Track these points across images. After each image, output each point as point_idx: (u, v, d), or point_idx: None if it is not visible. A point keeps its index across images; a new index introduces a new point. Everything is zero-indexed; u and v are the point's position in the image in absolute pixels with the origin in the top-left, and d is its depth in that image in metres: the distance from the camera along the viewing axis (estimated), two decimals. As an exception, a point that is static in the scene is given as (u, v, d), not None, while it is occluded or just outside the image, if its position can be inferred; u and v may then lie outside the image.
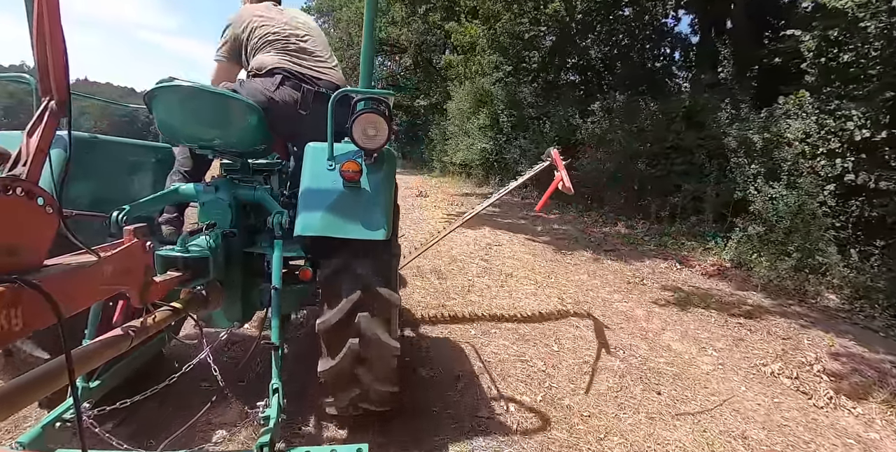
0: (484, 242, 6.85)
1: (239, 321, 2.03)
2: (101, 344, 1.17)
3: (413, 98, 29.65)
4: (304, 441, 2.04)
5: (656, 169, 8.78)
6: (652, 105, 10.03)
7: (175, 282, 1.49)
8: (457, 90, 18.76)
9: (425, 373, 2.74)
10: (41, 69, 0.91)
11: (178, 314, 1.47)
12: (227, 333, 2.29)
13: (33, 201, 0.84)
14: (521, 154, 13.19)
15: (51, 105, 0.93)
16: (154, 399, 1.71)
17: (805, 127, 6.38)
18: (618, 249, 6.97)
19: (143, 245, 1.22)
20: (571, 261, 6.07)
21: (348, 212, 1.64)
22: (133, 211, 1.71)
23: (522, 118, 14.62)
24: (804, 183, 6.25)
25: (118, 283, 1.14)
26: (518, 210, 11.18)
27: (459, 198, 12.16)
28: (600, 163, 10.03)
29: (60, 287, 0.88)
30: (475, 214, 4.30)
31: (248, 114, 1.82)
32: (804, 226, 5.98)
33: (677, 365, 3.17)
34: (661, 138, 8.78)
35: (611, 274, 5.56)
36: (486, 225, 8.32)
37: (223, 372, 1.73)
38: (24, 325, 0.81)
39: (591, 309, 4.18)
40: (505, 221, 9.13)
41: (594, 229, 8.70)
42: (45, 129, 0.93)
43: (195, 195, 1.93)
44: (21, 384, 0.95)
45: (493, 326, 3.58)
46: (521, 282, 4.94)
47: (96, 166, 1.98)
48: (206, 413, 1.93)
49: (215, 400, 1.86)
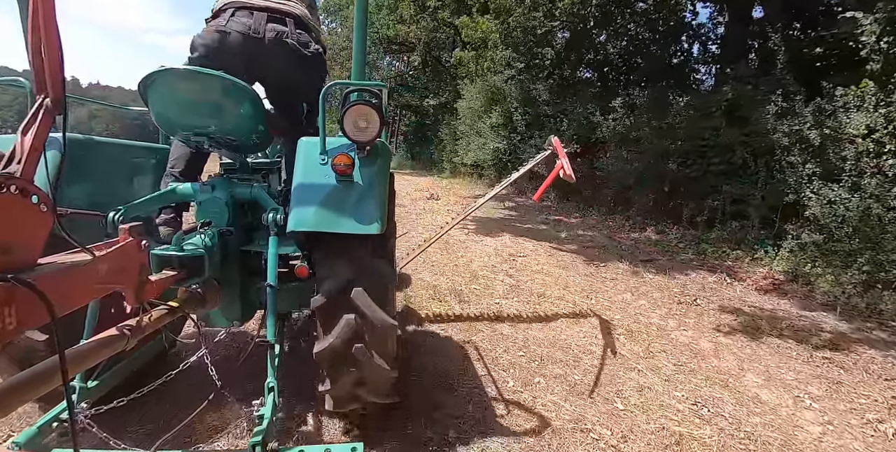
0: (506, 252, 6.16)
1: (238, 320, 2.00)
2: (96, 343, 1.15)
3: (422, 97, 29.03)
4: (301, 439, 2.00)
5: (690, 169, 8.01)
6: (681, 100, 9.27)
7: (170, 281, 1.48)
8: (467, 88, 18.05)
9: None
10: (36, 67, 0.90)
11: (174, 313, 1.45)
12: (226, 332, 2.21)
13: (27, 199, 0.84)
14: (537, 153, 12.45)
15: (45, 103, 0.92)
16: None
17: (870, 121, 5.62)
18: (655, 259, 6.25)
19: (138, 244, 1.20)
20: (608, 275, 5.36)
21: (341, 206, 1.59)
22: (130, 211, 1.70)
23: (537, 116, 13.88)
24: (869, 184, 5.50)
25: (113, 282, 1.13)
26: (536, 213, 10.48)
27: (473, 201, 11.48)
28: (627, 162, 9.27)
29: (54, 285, 0.87)
30: (477, 207, 4.16)
31: (242, 96, 1.75)
32: (873, 234, 5.22)
33: (778, 426, 2.46)
34: (695, 135, 8.01)
35: (656, 291, 4.85)
36: (505, 231, 7.63)
37: (221, 371, 1.73)
38: (17, 324, 0.80)
39: (648, 341, 3.48)
40: (524, 226, 8.44)
41: (622, 235, 7.98)
42: (40, 127, 0.92)
43: (192, 194, 1.90)
44: (15, 384, 0.92)
45: (534, 373, 2.88)
46: (556, 304, 4.24)
47: (94, 167, 1.97)
48: (203, 411, 1.82)
49: (212, 399, 1.73)
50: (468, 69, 17.50)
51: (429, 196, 11.42)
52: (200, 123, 1.78)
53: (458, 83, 20.65)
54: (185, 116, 1.78)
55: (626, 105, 10.91)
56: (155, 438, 1.77)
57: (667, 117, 9.10)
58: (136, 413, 2.03)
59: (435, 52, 24.08)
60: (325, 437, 2.05)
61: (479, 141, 16.12)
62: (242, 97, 1.75)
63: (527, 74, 14.43)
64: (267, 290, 1.65)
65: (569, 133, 12.10)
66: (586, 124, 11.85)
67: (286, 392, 2.26)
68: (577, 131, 11.99)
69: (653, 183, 8.72)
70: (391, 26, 21.71)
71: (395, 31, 22.47)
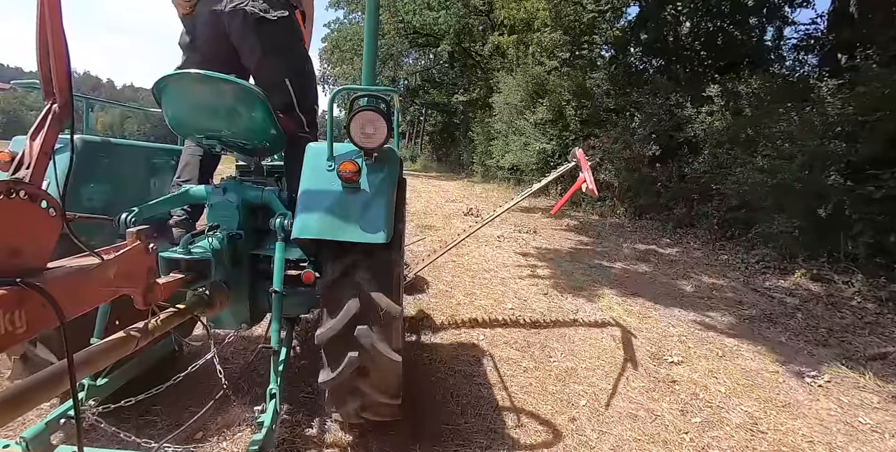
0: (645, 353, 3.45)
1: (247, 323, 1.95)
2: (105, 346, 1.14)
3: (450, 94, 26.34)
4: (304, 444, 1.94)
5: (871, 183, 5.14)
6: (829, 81, 6.36)
7: (178, 284, 1.46)
8: (504, 81, 15.34)
9: None
10: (43, 72, 0.90)
11: (182, 316, 1.43)
12: (235, 335, 2.22)
13: (36, 204, 0.84)
14: (602, 155, 9.62)
15: (53, 108, 0.92)
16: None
17: None
18: (888, 352, 3.43)
19: (146, 247, 1.17)
20: (865, 421, 2.60)
21: (347, 214, 1.53)
22: (143, 213, 1.71)
23: (596, 111, 11.08)
24: None
25: (121, 285, 1.11)
26: (610, 234, 7.66)
27: (526, 219, 8.76)
28: (764, 173, 6.31)
29: (63, 289, 0.87)
30: (498, 216, 3.80)
31: (253, 101, 1.70)
32: None
33: None
34: (886, 134, 5.13)
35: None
36: (595, 279, 4.92)
37: (230, 374, 1.86)
38: (27, 328, 0.80)
39: None
40: (616, 266, 5.66)
41: (768, 284, 5.15)
42: (48, 132, 0.92)
43: (204, 197, 1.88)
44: (24, 388, 0.92)
45: None
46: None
47: (110, 169, 1.97)
48: (209, 414, 1.83)
49: (217, 403, 1.64)
50: (507, 58, 14.78)
51: (466, 210, 8.78)
52: (212, 126, 1.76)
53: (493, 76, 17.93)
54: (197, 119, 1.76)
55: (729, 93, 8.04)
56: (159, 439, 1.59)
57: (807, 111, 6.22)
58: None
59: (465, 42, 21.33)
60: (331, 443, 1.96)
61: (518, 141, 13.41)
62: (254, 101, 1.70)
63: (582, 60, 11.64)
64: (273, 296, 1.60)
65: (643, 131, 9.25)
66: (668, 119, 9.00)
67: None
68: (653, 128, 9.14)
69: (797, 202, 5.85)
70: (418, 12, 19.00)
71: (423, 19, 19.73)
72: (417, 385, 2.48)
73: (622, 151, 9.27)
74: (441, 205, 9.71)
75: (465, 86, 22.41)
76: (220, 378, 1.59)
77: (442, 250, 3.75)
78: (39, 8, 0.84)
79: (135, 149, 2.19)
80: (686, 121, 8.63)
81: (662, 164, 8.94)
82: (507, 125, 14.69)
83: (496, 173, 16.21)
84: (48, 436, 1.34)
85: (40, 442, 1.31)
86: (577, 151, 3.44)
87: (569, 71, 11.48)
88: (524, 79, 13.59)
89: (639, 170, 9.07)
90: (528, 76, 13.40)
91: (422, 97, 30.07)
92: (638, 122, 9.61)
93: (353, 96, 1.61)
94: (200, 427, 1.96)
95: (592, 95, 11.03)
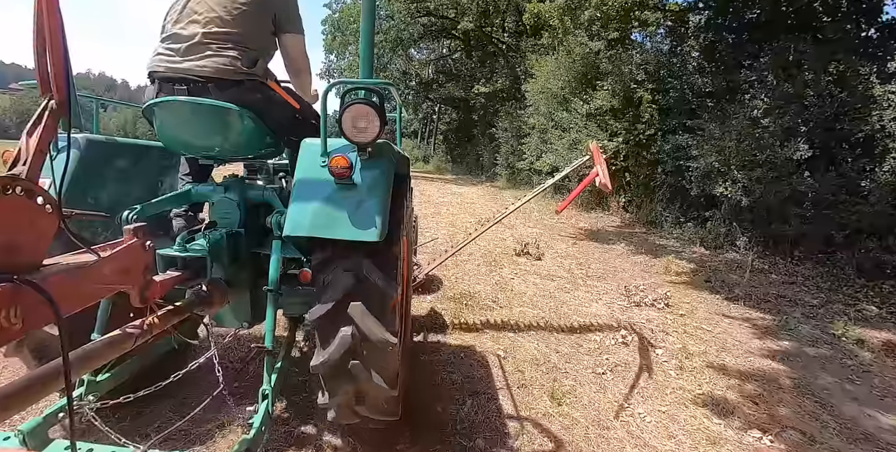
0: None
1: (248, 321, 1.87)
2: (102, 343, 1.11)
3: (467, 87, 23.04)
4: (296, 445, 1.87)
5: None
6: None
7: (175, 282, 1.43)
8: (541, 63, 12.09)
9: None
10: (40, 68, 0.86)
11: (180, 313, 1.39)
12: (235, 333, 2.18)
13: (32, 200, 0.80)
14: (714, 157, 6.33)
15: (50, 104, 0.88)
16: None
17: None
18: None
19: (143, 244, 1.14)
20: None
21: (338, 211, 1.41)
22: (145, 210, 1.64)
23: (683, 95, 7.82)
24: None
25: (118, 282, 1.09)
26: (677, 258, 4.45)
27: (602, 253, 5.54)
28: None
29: (59, 286, 0.84)
30: (509, 214, 3.52)
31: (240, 121, 1.64)
32: None
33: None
34: None
35: None
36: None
37: (230, 373, 1.74)
38: (23, 324, 0.77)
39: None
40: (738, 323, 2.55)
41: None
42: (45, 129, 0.88)
43: (207, 195, 1.84)
44: (21, 385, 0.89)
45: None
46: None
47: (114, 167, 1.90)
48: (204, 413, 1.72)
49: (213, 401, 1.55)
50: (549, 33, 11.51)
51: (520, 248, 5.53)
52: (205, 145, 1.73)
53: (522, 61, 14.69)
54: (189, 141, 1.73)
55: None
56: (155, 435, 1.69)
57: None
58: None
59: (487, 26, 18.02)
60: (325, 445, 1.89)
61: (563, 138, 10.18)
62: (239, 120, 1.64)
63: (660, 26, 8.39)
64: (268, 295, 1.56)
65: (774, 127, 6.01)
66: (828, 102, 5.73)
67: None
68: (800, 118, 5.88)
69: None
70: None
71: (438, 0, 16.47)
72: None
73: (747, 152, 6.01)
74: (466, 226, 6.36)
75: (487, 75, 19.16)
76: (219, 377, 1.51)
77: (452, 250, 3.53)
78: (37, 3, 0.82)
79: (141, 148, 2.08)
80: (860, 107, 5.37)
81: (816, 172, 5.69)
82: (546, 118, 11.46)
83: (528, 177, 13.01)
84: (46, 430, 1.31)
85: (37, 436, 1.27)
86: (592, 144, 3.38)
87: (646, 39, 8.22)
88: (570, 57, 10.34)
89: (776, 180, 5.82)
90: (576, 55, 10.15)
91: (436, 91, 26.79)
92: (761, 110, 6.35)
93: (345, 89, 1.54)
94: (194, 426, 1.90)
95: (680, 74, 7.77)
